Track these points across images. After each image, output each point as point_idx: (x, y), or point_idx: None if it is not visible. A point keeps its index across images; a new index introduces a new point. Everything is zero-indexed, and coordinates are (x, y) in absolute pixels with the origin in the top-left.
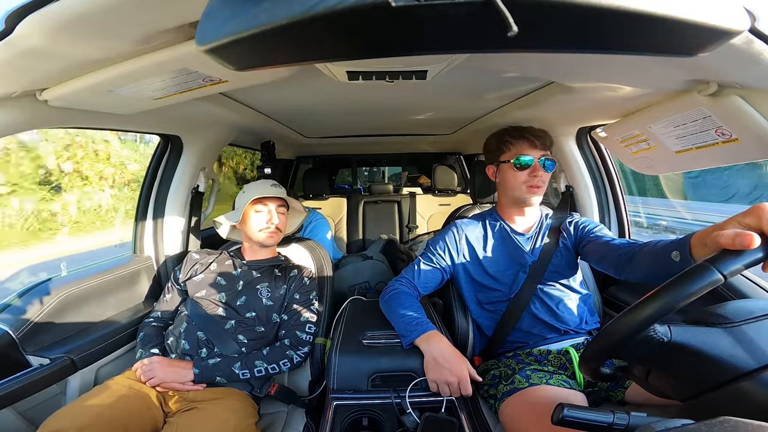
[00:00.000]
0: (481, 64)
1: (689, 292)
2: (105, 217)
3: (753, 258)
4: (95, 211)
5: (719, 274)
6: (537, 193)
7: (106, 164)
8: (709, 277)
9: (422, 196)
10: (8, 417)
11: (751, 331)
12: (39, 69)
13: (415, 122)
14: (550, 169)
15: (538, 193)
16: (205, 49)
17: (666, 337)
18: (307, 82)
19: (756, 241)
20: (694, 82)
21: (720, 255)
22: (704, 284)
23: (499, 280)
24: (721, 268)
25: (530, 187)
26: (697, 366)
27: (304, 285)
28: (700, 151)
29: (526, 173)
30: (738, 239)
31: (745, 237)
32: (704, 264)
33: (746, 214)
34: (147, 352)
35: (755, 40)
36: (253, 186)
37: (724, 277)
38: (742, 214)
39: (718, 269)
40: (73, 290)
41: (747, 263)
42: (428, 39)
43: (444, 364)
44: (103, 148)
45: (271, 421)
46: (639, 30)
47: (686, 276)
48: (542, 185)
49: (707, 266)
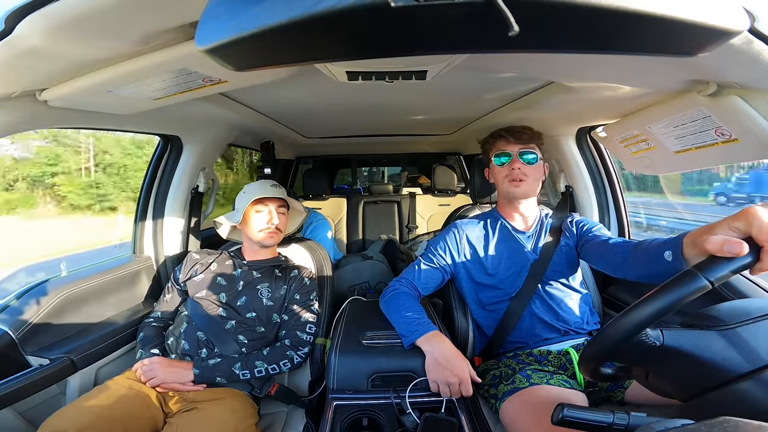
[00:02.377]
0: (481, 64)
1: (676, 298)
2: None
3: (740, 264)
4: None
5: (706, 281)
6: (519, 185)
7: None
8: (696, 284)
9: (422, 196)
10: (8, 417)
11: (746, 333)
12: (39, 69)
13: (414, 122)
14: (531, 161)
15: (520, 186)
16: (205, 49)
17: (658, 341)
18: (307, 82)
19: (744, 250)
20: (693, 82)
21: (707, 261)
22: (691, 291)
23: (501, 279)
24: (708, 275)
25: (511, 181)
26: (691, 369)
27: (305, 285)
28: (700, 151)
29: (507, 168)
30: (727, 247)
31: (734, 245)
32: (691, 271)
33: (736, 218)
34: (147, 353)
35: (755, 40)
36: (253, 186)
37: (711, 283)
38: (732, 218)
39: (705, 276)
40: (73, 290)
41: (734, 269)
42: (428, 39)
43: (445, 365)
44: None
45: (271, 421)
46: (639, 30)
47: (673, 283)
48: (524, 178)
49: (694, 273)
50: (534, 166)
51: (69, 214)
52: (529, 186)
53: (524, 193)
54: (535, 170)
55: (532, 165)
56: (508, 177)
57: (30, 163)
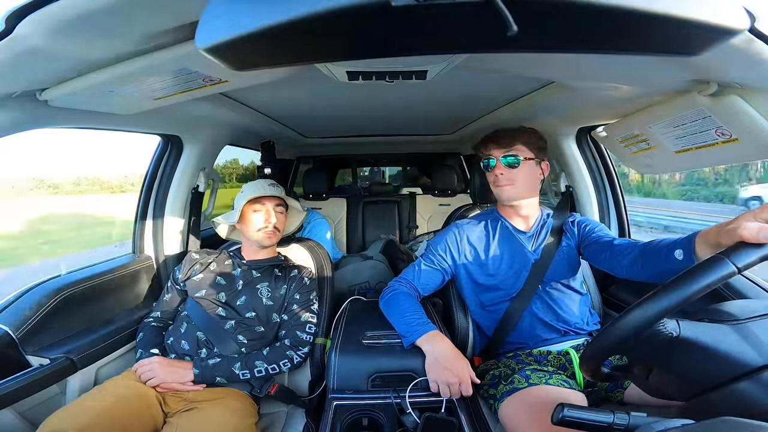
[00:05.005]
0: (481, 64)
1: (704, 284)
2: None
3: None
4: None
5: (734, 267)
6: (504, 190)
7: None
8: (724, 269)
9: (422, 196)
10: (8, 417)
11: (757, 328)
12: (39, 69)
13: (414, 122)
14: (514, 165)
15: (506, 190)
16: (205, 49)
17: (675, 332)
18: (307, 82)
19: None
20: (694, 82)
21: (735, 247)
22: (719, 276)
23: (501, 280)
24: (736, 261)
25: (497, 186)
26: (704, 362)
27: (305, 285)
28: (700, 151)
29: (493, 173)
30: (763, 233)
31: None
32: (719, 257)
33: (763, 210)
34: (147, 353)
35: (755, 40)
36: (250, 186)
37: (738, 270)
38: (759, 210)
39: (733, 262)
40: (73, 290)
41: (763, 256)
42: (428, 39)
43: (446, 365)
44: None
45: (271, 421)
46: (639, 30)
47: (700, 268)
48: (508, 182)
49: (722, 258)
50: (518, 169)
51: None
52: (516, 189)
53: (510, 197)
54: (520, 172)
55: (515, 168)
56: (494, 182)
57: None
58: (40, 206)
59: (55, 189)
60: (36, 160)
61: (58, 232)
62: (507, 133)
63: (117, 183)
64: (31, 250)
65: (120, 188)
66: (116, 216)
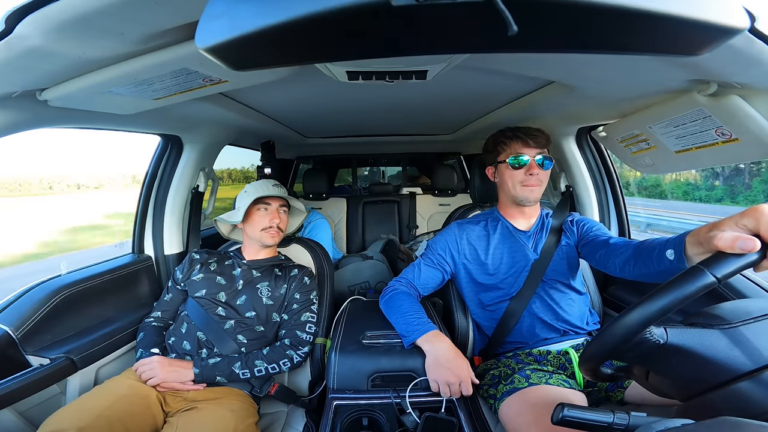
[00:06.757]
0: (481, 64)
1: (682, 296)
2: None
3: (748, 261)
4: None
5: (712, 278)
6: (534, 191)
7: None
8: (703, 280)
9: (422, 196)
10: (8, 417)
11: (749, 332)
12: (39, 69)
13: (414, 122)
14: (547, 167)
15: (535, 191)
16: (205, 49)
17: (662, 339)
18: (307, 82)
19: (757, 245)
20: (694, 82)
21: (714, 258)
22: (697, 288)
23: (501, 279)
24: (715, 272)
25: (526, 186)
26: (694, 367)
27: (305, 285)
28: (700, 151)
29: (522, 172)
30: (739, 243)
31: (746, 242)
32: (698, 267)
33: (744, 216)
34: (147, 352)
35: (755, 40)
36: (254, 186)
37: (717, 280)
38: (739, 216)
39: (711, 273)
40: (73, 290)
41: (741, 266)
42: (428, 39)
43: (446, 365)
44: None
45: (271, 421)
46: (639, 30)
47: (680, 280)
48: (539, 183)
49: (701, 269)
50: (547, 172)
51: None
52: (541, 191)
53: (537, 198)
54: (547, 175)
55: (547, 170)
56: (523, 182)
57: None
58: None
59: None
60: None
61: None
62: (539, 132)
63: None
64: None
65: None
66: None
